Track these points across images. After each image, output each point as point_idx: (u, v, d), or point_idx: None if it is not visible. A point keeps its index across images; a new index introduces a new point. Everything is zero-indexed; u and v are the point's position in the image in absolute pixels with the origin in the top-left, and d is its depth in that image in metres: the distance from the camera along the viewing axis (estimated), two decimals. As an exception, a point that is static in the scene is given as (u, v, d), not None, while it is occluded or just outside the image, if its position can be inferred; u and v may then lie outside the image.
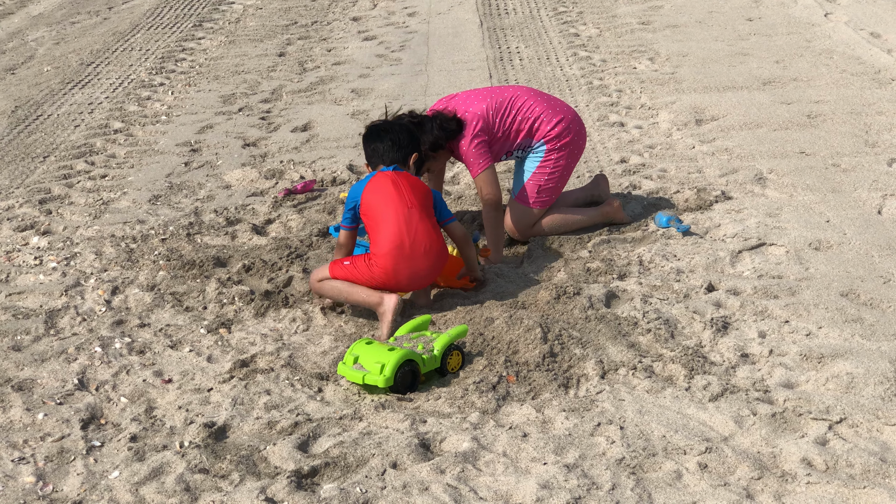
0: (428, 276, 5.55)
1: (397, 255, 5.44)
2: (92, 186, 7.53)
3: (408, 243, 5.44)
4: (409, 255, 5.44)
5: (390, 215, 5.47)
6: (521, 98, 6.31)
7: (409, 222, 5.46)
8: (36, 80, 10.34)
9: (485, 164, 6.17)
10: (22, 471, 4.37)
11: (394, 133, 5.77)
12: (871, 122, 7.95)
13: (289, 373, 5.05)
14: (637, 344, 5.19)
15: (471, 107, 6.19)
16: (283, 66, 10.42)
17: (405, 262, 5.45)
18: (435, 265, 5.53)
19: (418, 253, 5.45)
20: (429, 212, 5.57)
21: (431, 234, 5.50)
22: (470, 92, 6.37)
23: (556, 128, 6.27)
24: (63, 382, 5.05)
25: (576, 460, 4.30)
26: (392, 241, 5.43)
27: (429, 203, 5.60)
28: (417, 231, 5.46)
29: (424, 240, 5.47)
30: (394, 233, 5.44)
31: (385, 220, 5.47)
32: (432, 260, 5.50)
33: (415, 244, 5.45)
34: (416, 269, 5.47)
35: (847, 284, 5.64)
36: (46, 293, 5.93)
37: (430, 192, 5.66)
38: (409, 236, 5.45)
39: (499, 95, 6.28)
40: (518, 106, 6.28)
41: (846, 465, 4.21)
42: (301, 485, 4.20)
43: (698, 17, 11.31)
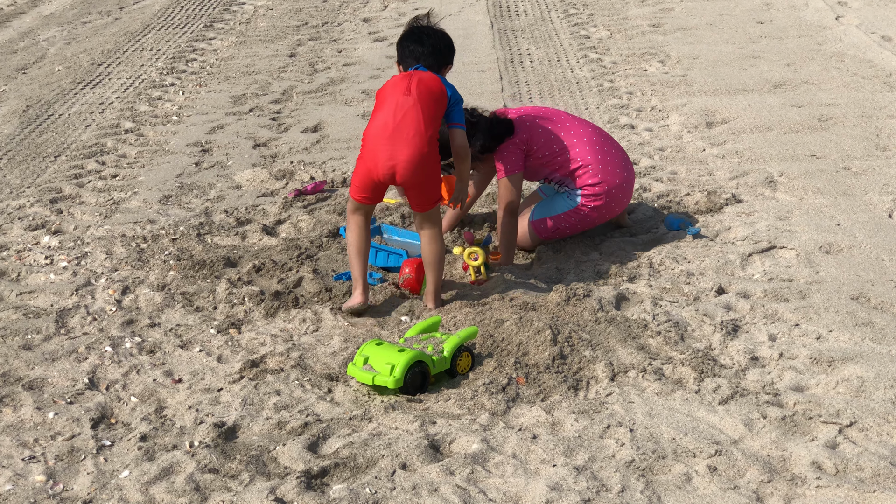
0: (406, 165, 5.41)
1: (379, 134, 5.46)
2: (103, 186, 7.54)
3: (391, 125, 5.44)
4: (389, 136, 5.43)
5: (388, 100, 5.52)
6: (581, 138, 6.20)
7: (400, 107, 5.47)
8: (47, 79, 10.37)
9: (513, 169, 6.11)
10: (32, 469, 4.38)
11: (435, 39, 5.73)
12: (882, 126, 7.94)
13: (299, 373, 5.05)
14: (647, 346, 5.19)
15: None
16: (294, 67, 10.44)
17: (384, 143, 5.43)
18: (413, 156, 5.40)
19: (400, 137, 5.41)
20: (430, 107, 5.46)
21: (420, 125, 5.41)
22: (567, 118, 6.32)
23: (596, 187, 6.17)
24: (73, 382, 5.06)
25: (585, 462, 4.29)
26: (379, 121, 5.48)
27: (434, 101, 5.49)
28: (406, 116, 5.43)
29: (410, 126, 5.42)
30: (383, 115, 5.49)
31: (383, 104, 5.54)
32: (413, 149, 5.40)
33: (398, 128, 5.42)
34: (395, 153, 5.41)
35: (857, 288, 5.63)
36: (57, 292, 5.94)
37: (444, 94, 5.55)
38: (394, 119, 5.44)
39: (566, 128, 6.22)
40: (572, 144, 6.18)
41: (856, 469, 4.21)
42: (311, 485, 4.20)
43: (709, 20, 11.30)
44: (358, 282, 5.62)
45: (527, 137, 6.16)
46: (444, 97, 5.55)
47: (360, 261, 5.62)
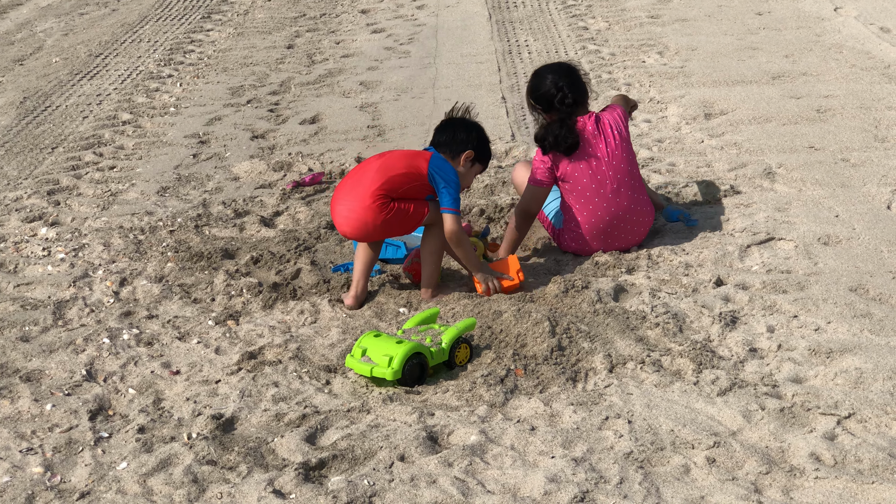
0: (346, 218, 5.50)
1: (337, 188, 5.62)
2: (100, 178, 7.53)
3: (341, 184, 5.59)
4: (338, 189, 5.58)
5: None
6: (590, 218, 6.01)
7: (358, 168, 5.62)
8: (44, 71, 10.35)
9: (542, 182, 5.98)
10: (30, 461, 4.37)
11: (455, 130, 5.73)
12: (880, 118, 7.93)
13: (297, 365, 5.05)
14: (645, 338, 5.18)
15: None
16: (292, 59, 10.42)
17: (337, 195, 5.59)
18: (353, 212, 5.46)
19: (344, 191, 5.53)
20: (390, 170, 5.48)
21: (370, 179, 5.46)
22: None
23: (573, 243, 6.11)
24: (71, 373, 5.05)
25: (584, 454, 4.29)
26: (343, 180, 5.67)
27: (402, 167, 5.51)
28: (362, 172, 5.54)
29: (357, 182, 5.50)
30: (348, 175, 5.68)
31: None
32: (351, 204, 5.47)
33: (346, 183, 5.55)
34: (336, 206, 5.55)
35: (856, 279, 5.62)
36: (55, 284, 5.93)
37: (419, 169, 5.52)
38: (347, 177, 5.60)
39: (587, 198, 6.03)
40: (581, 213, 6.02)
41: (854, 461, 4.20)
42: (309, 477, 4.20)
43: (707, 11, 11.28)
44: (354, 282, 5.67)
45: (561, 171, 5.98)
46: (418, 171, 5.51)
47: (361, 265, 5.67)
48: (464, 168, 5.70)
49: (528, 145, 7.74)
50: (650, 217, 6.10)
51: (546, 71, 6.07)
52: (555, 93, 5.95)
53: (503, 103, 8.78)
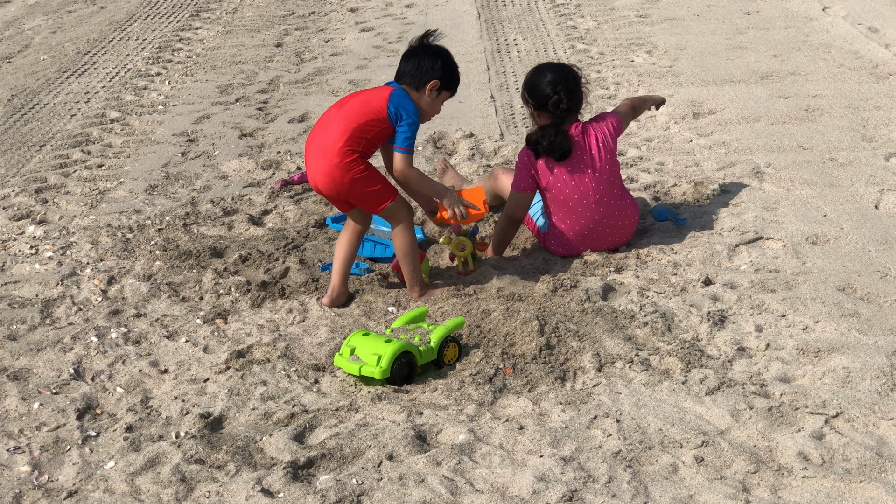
0: (321, 178, 5.46)
1: (306, 149, 5.59)
2: (88, 176, 7.51)
3: (314, 140, 5.53)
4: (310, 152, 5.53)
5: (323, 114, 5.62)
6: (575, 224, 6.02)
7: (326, 120, 5.53)
8: (32, 68, 10.32)
9: (525, 188, 5.98)
10: (17, 460, 4.36)
11: (427, 56, 5.57)
12: (868, 117, 7.94)
13: (285, 364, 5.04)
14: (634, 337, 5.18)
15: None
16: (281, 57, 10.41)
17: (308, 158, 5.55)
18: (325, 168, 5.42)
19: (317, 151, 5.48)
20: (352, 121, 5.41)
21: (334, 137, 5.40)
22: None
23: (559, 247, 6.12)
24: (59, 372, 5.04)
25: (572, 453, 4.29)
26: (310, 135, 5.62)
27: (362, 114, 5.43)
28: (326, 130, 5.47)
29: (326, 139, 5.44)
30: (314, 128, 5.60)
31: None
32: (324, 161, 5.42)
33: (318, 142, 5.49)
34: (313, 167, 5.50)
35: (844, 279, 5.63)
36: (42, 282, 5.92)
37: (380, 111, 5.41)
38: (317, 133, 5.52)
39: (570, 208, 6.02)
40: (566, 219, 6.02)
41: (842, 460, 4.21)
42: (297, 476, 4.19)
43: (696, 11, 11.29)
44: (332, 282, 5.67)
45: (543, 182, 5.97)
46: (378, 115, 5.43)
47: (340, 262, 5.66)
48: (430, 98, 5.55)
49: (517, 144, 7.74)
50: (636, 216, 6.10)
51: (547, 70, 6.02)
52: (550, 94, 5.92)
53: (492, 102, 8.78)
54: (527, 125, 8.20)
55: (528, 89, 6.03)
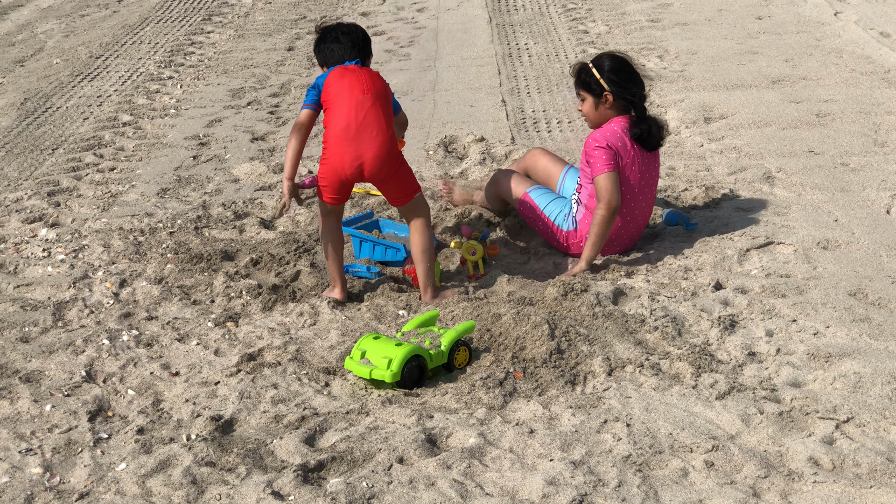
0: (374, 162, 5.49)
1: (343, 136, 5.52)
2: (100, 179, 7.54)
3: (354, 126, 5.50)
4: (353, 138, 5.50)
5: (344, 100, 5.55)
6: (627, 216, 6.05)
7: (360, 106, 5.53)
8: (45, 72, 10.36)
9: (611, 167, 5.87)
10: (29, 462, 4.38)
11: (352, 34, 5.81)
12: (880, 122, 7.94)
13: (296, 367, 5.05)
14: (644, 341, 5.19)
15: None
16: (292, 61, 10.43)
17: (350, 145, 5.50)
18: (380, 153, 5.49)
19: (365, 136, 5.49)
20: (384, 103, 5.58)
21: (382, 122, 5.51)
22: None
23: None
24: (70, 374, 5.05)
25: (582, 457, 4.29)
26: (341, 122, 5.53)
27: (387, 98, 5.61)
28: (368, 115, 5.50)
29: (373, 125, 5.50)
30: (343, 115, 5.53)
31: (339, 105, 5.56)
32: (377, 146, 5.49)
33: (362, 127, 5.50)
34: (360, 152, 5.49)
35: (855, 284, 5.63)
36: (54, 285, 5.94)
37: (389, 89, 5.67)
38: (356, 119, 5.51)
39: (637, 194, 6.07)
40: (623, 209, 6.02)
41: (853, 465, 4.21)
42: (307, 479, 4.20)
43: (707, 15, 11.29)
44: (335, 280, 5.72)
45: (622, 162, 5.94)
46: (390, 93, 5.68)
47: (335, 260, 5.72)
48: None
49: (528, 148, 7.74)
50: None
51: (631, 63, 6.06)
52: (641, 86, 6.02)
53: (503, 106, 8.79)
54: (538, 129, 8.22)
55: (615, 73, 5.97)
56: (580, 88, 6.08)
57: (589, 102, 6.04)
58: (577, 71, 6.09)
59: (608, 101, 5.98)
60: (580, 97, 6.10)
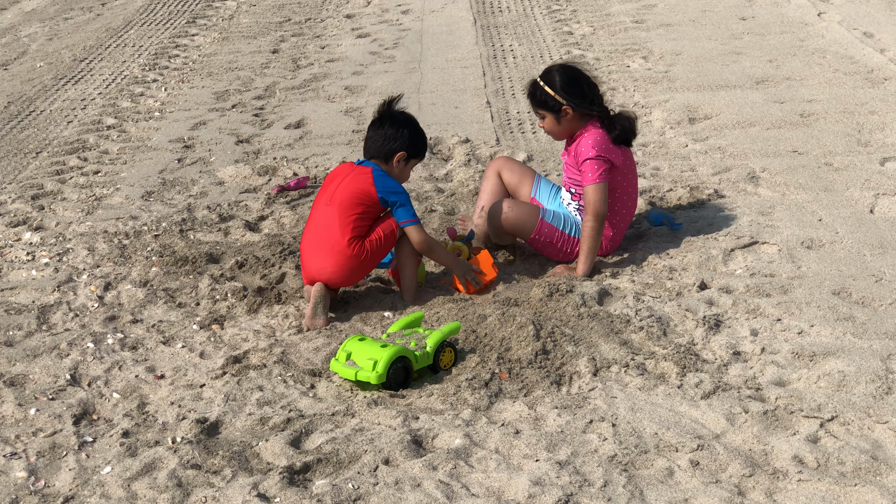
0: (332, 276, 5.53)
1: (306, 248, 5.61)
2: (84, 182, 7.52)
3: (314, 239, 5.56)
4: (314, 252, 5.56)
5: (316, 208, 5.65)
6: (630, 209, 6.10)
7: (322, 218, 5.58)
8: (28, 75, 10.33)
9: (603, 177, 5.86)
10: (14, 466, 4.37)
11: (392, 127, 5.69)
12: (863, 122, 7.96)
13: (281, 369, 5.05)
14: (629, 341, 5.19)
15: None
16: (277, 63, 10.42)
17: (311, 257, 5.58)
18: (336, 267, 5.50)
19: (321, 250, 5.52)
20: (349, 212, 5.50)
21: (336, 234, 5.49)
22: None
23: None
24: (55, 378, 5.04)
25: (568, 457, 4.30)
26: (307, 232, 5.64)
27: (356, 204, 5.52)
28: (326, 228, 5.53)
29: (329, 238, 5.51)
30: (310, 226, 5.63)
31: (314, 209, 5.68)
32: (333, 261, 5.50)
33: (320, 240, 5.53)
34: (321, 267, 5.54)
35: (839, 283, 5.65)
36: (39, 289, 5.92)
37: (370, 195, 5.53)
38: (317, 232, 5.56)
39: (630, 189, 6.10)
40: (623, 207, 6.05)
41: (837, 463, 4.22)
42: (293, 481, 4.20)
43: (692, 16, 11.31)
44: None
45: (616, 164, 5.94)
46: (369, 197, 5.53)
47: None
48: (398, 169, 5.71)
49: (513, 150, 7.75)
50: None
51: (576, 68, 6.06)
52: (596, 88, 6.01)
53: (488, 108, 8.79)
54: (522, 131, 8.22)
55: (567, 85, 5.94)
56: (537, 108, 6.04)
57: (550, 119, 6.02)
58: (530, 91, 6.05)
59: (569, 114, 5.96)
60: (539, 115, 6.07)
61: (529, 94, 6.05)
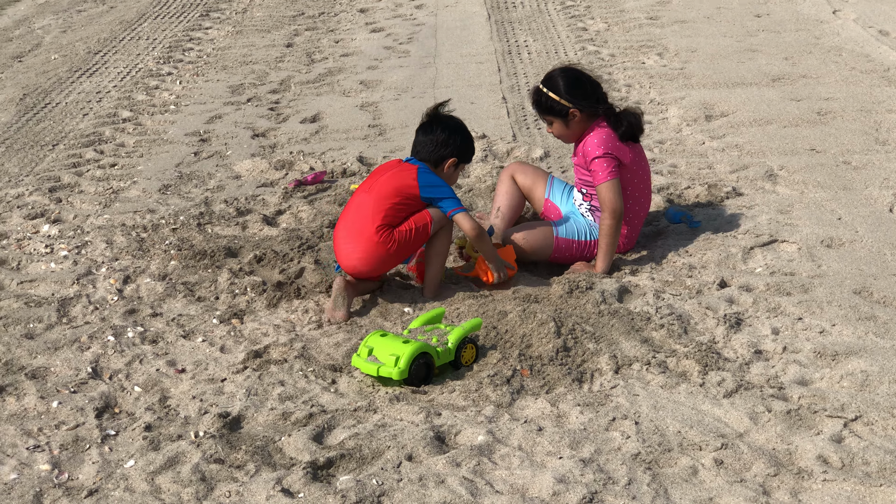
0: (360, 264, 5.54)
1: (337, 234, 5.64)
2: (101, 175, 7.52)
3: (347, 225, 5.59)
4: (344, 237, 5.58)
5: (355, 195, 5.69)
6: (644, 204, 6.09)
7: (352, 206, 5.62)
8: (43, 67, 10.33)
9: (614, 174, 5.85)
10: (37, 458, 4.37)
11: (444, 132, 5.71)
12: (881, 120, 7.95)
13: (302, 364, 5.04)
14: (650, 339, 5.19)
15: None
16: (291, 57, 10.41)
17: (341, 242, 5.60)
18: (364, 255, 5.50)
19: (351, 236, 5.54)
20: (385, 202, 5.50)
21: (367, 220, 5.50)
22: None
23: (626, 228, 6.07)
24: (76, 371, 5.04)
25: (591, 455, 4.29)
26: (342, 218, 5.67)
27: (394, 194, 5.51)
28: (359, 213, 5.55)
29: (359, 223, 5.52)
30: (345, 212, 5.67)
31: (352, 198, 5.71)
32: (361, 249, 5.50)
33: (351, 226, 5.55)
34: (350, 253, 5.55)
35: (860, 282, 5.63)
36: (58, 281, 5.92)
37: (411, 188, 5.53)
38: (351, 218, 5.59)
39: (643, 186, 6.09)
40: (636, 204, 6.04)
41: (862, 463, 4.21)
42: (317, 476, 4.20)
43: (706, 13, 11.29)
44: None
45: (625, 162, 5.93)
46: (410, 191, 5.54)
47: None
48: (447, 173, 5.75)
49: (529, 146, 7.74)
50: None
51: (577, 70, 6.06)
52: (599, 87, 6.02)
53: (504, 103, 8.78)
54: (539, 126, 8.21)
55: (571, 88, 5.93)
56: (545, 114, 6.04)
57: (558, 124, 6.02)
58: (535, 99, 6.05)
59: (576, 117, 5.95)
60: (547, 121, 6.07)
61: (534, 102, 6.06)
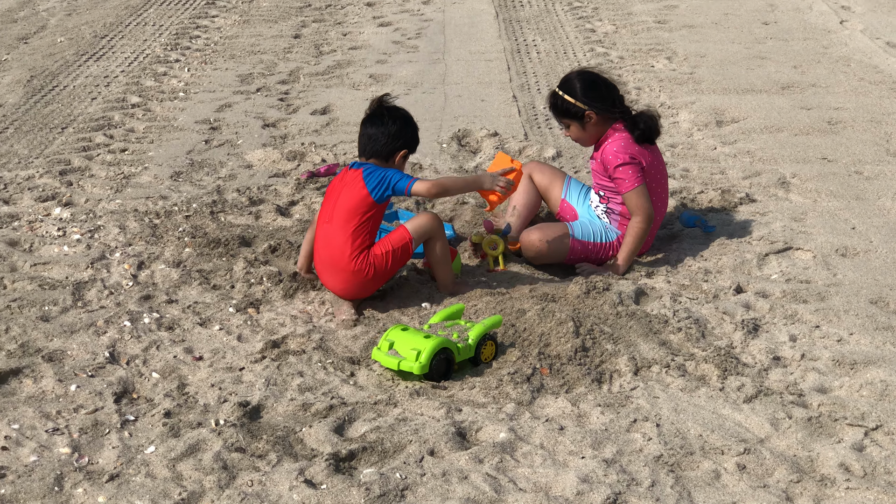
0: (344, 293, 5.50)
1: (317, 266, 5.57)
2: (112, 160, 7.49)
3: (321, 258, 5.51)
4: (323, 270, 5.52)
5: (319, 225, 5.56)
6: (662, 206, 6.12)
7: (320, 239, 5.52)
8: (49, 50, 10.28)
9: (640, 180, 5.89)
10: (57, 441, 4.35)
11: (395, 124, 5.58)
12: (891, 131, 7.96)
13: (321, 356, 5.03)
14: (668, 342, 5.19)
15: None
16: (299, 49, 10.38)
17: (323, 274, 5.54)
18: (345, 283, 5.45)
19: (330, 269, 5.47)
20: (350, 222, 5.40)
21: (337, 251, 5.41)
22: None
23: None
24: (93, 355, 5.02)
25: (614, 455, 4.29)
26: (316, 251, 5.57)
27: (354, 212, 5.40)
28: (329, 245, 5.45)
29: (333, 256, 5.43)
30: (317, 244, 5.55)
31: (318, 226, 5.58)
32: (341, 279, 5.45)
33: (327, 259, 5.47)
34: (333, 284, 5.51)
35: (876, 292, 5.64)
36: (72, 265, 5.90)
37: (365, 198, 5.40)
38: (322, 251, 5.49)
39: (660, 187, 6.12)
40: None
41: (884, 472, 4.22)
42: (339, 468, 4.18)
43: (714, 19, 11.31)
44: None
45: (645, 165, 5.95)
46: (365, 202, 5.41)
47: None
48: (398, 164, 5.61)
49: (541, 145, 7.74)
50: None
51: (593, 73, 6.10)
52: (617, 90, 6.06)
53: (514, 102, 8.77)
54: (550, 126, 8.20)
55: (588, 90, 5.96)
56: (561, 117, 6.05)
57: (575, 127, 6.03)
58: (552, 103, 6.07)
59: (593, 119, 5.96)
60: (564, 125, 6.08)
61: (551, 105, 6.08)
